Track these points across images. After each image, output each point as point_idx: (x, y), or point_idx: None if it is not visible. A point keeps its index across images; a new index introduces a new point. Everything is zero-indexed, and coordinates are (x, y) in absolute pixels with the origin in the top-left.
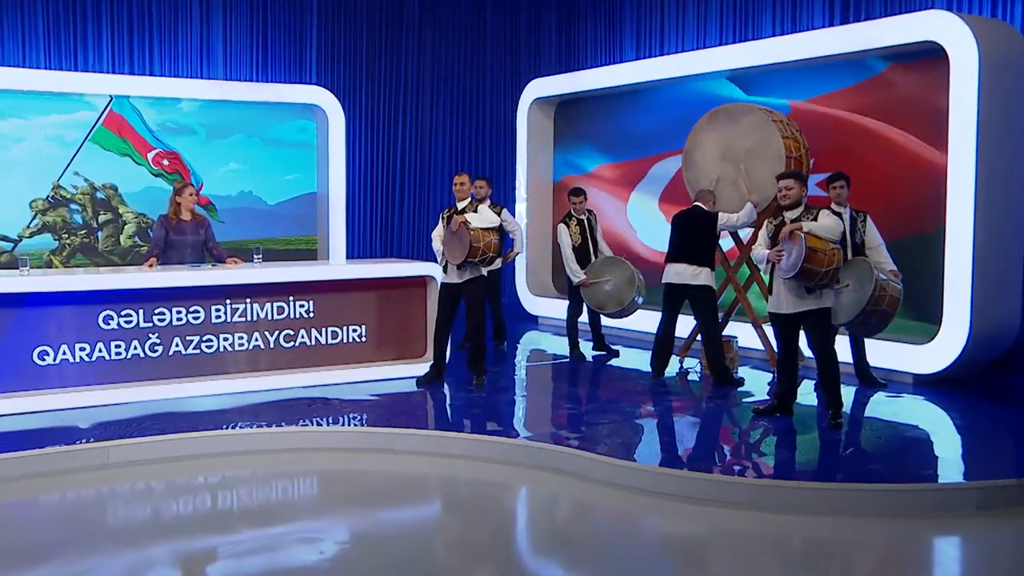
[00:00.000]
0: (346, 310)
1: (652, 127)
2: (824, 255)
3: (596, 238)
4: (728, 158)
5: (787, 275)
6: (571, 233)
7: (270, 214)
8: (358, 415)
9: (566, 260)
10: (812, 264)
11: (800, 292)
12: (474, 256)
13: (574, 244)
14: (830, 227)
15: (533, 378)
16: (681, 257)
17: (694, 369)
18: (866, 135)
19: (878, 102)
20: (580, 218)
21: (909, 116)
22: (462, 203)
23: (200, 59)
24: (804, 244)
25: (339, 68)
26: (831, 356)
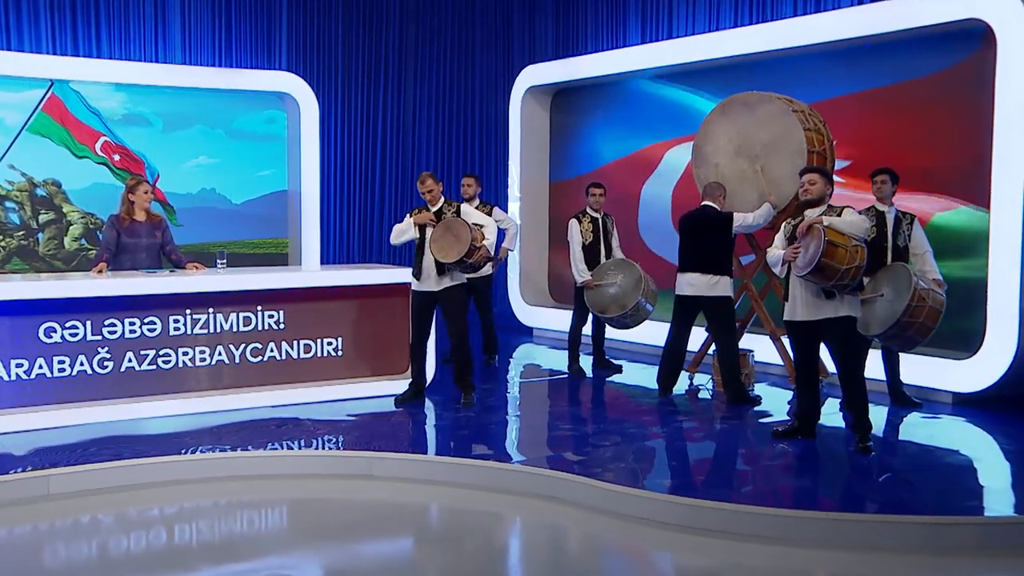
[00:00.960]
0: (320, 321)
1: (660, 119)
2: (845, 251)
3: (611, 242)
4: (743, 153)
5: (802, 272)
6: (582, 230)
7: (235, 214)
8: (333, 437)
9: (573, 258)
10: (830, 259)
11: (818, 297)
12: (470, 256)
13: (584, 242)
14: (854, 223)
15: (527, 396)
16: (694, 265)
17: (705, 386)
18: (901, 129)
19: (914, 99)
20: (595, 216)
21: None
22: (434, 207)
23: (155, 41)
24: (823, 236)
25: (312, 53)
26: (856, 372)
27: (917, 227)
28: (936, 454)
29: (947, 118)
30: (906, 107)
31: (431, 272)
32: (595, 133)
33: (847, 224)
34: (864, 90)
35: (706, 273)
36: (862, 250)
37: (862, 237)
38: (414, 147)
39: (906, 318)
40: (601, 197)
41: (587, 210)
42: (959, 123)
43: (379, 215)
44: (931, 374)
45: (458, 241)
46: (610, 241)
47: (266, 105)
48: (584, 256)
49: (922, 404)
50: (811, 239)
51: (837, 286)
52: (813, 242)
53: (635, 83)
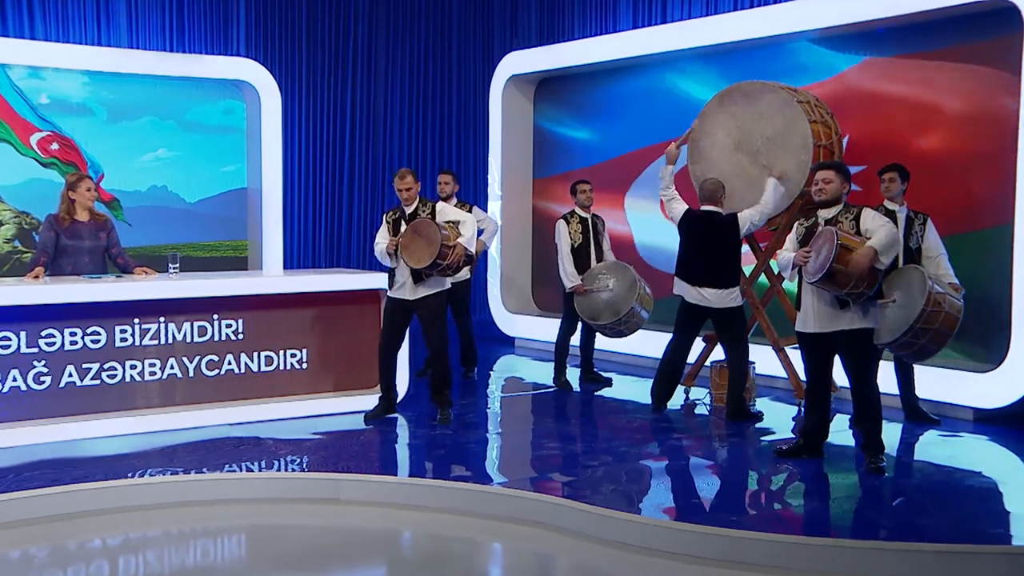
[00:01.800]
0: (283, 331)
1: (654, 111)
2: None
3: (601, 245)
4: (743, 148)
5: (813, 279)
6: (571, 231)
7: (189, 214)
8: (297, 458)
9: (561, 261)
10: (843, 265)
11: (834, 307)
12: (444, 258)
13: (573, 245)
14: (888, 240)
15: (509, 412)
16: (704, 280)
17: (702, 401)
18: (918, 117)
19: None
20: (584, 216)
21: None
22: (409, 207)
23: (97, 21)
24: (836, 239)
25: (273, 37)
26: (870, 385)
27: (930, 228)
28: (956, 476)
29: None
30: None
31: (406, 279)
32: (583, 126)
33: (883, 247)
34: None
35: (717, 287)
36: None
37: (892, 254)
38: (386, 141)
39: (920, 325)
40: (590, 194)
41: (575, 210)
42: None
43: (347, 215)
44: (950, 388)
45: (429, 243)
46: (601, 243)
47: (223, 94)
48: (573, 259)
49: (940, 421)
50: (823, 242)
51: (851, 295)
52: (825, 245)
53: (627, 72)
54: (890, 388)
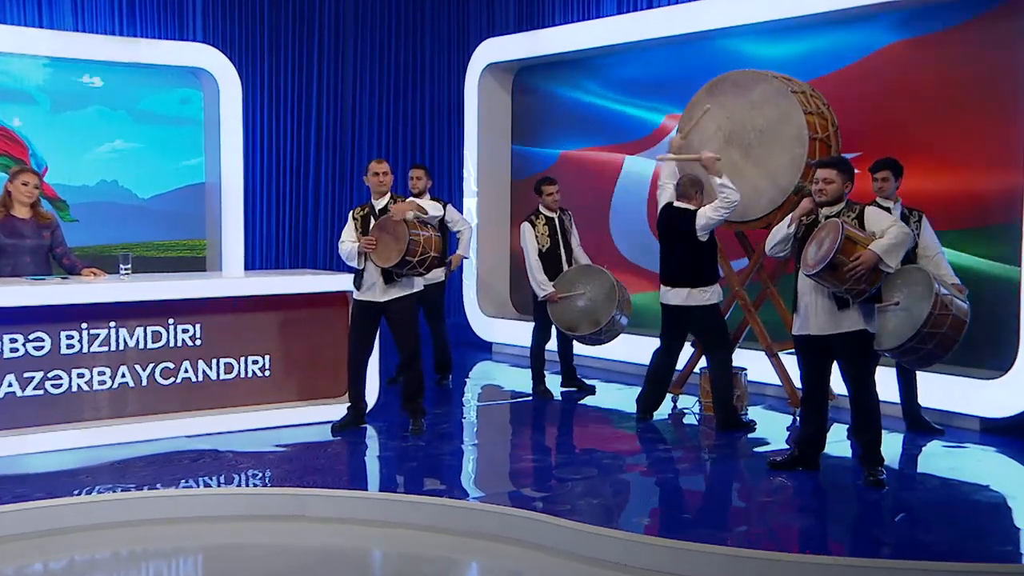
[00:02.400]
0: (243, 336)
1: (645, 99)
2: (864, 248)
3: (570, 243)
4: (734, 141)
5: (812, 270)
6: (538, 235)
7: (142, 211)
8: (259, 472)
9: (530, 269)
10: (846, 257)
11: (833, 307)
12: (412, 256)
13: (541, 249)
14: (894, 240)
15: (486, 421)
16: (677, 279)
17: (691, 410)
18: (920, 106)
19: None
20: (550, 216)
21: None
22: (381, 200)
23: (38, 1)
24: (841, 229)
25: (233, 21)
26: (870, 392)
27: (926, 225)
28: (961, 489)
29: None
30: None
31: (375, 280)
32: (565, 118)
33: (891, 247)
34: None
35: (690, 287)
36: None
37: (903, 253)
38: (354, 133)
39: (927, 329)
40: (557, 195)
41: (540, 210)
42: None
43: (313, 212)
44: (954, 396)
45: (396, 240)
46: (570, 242)
47: (178, 83)
48: (543, 264)
49: (944, 431)
50: (827, 232)
51: (852, 291)
52: (829, 235)
53: (612, 58)
54: (891, 396)
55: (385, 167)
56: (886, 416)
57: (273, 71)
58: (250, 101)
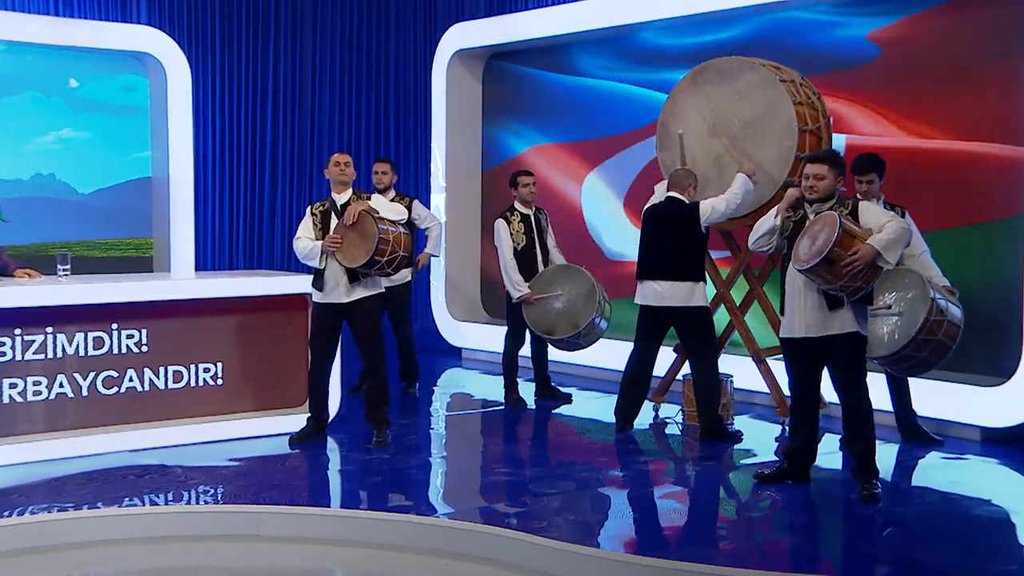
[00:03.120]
0: (194, 342)
1: (621, 91)
2: (862, 242)
3: (546, 241)
4: (719, 132)
5: (806, 265)
6: (513, 232)
7: (82, 207)
8: (211, 489)
9: (504, 268)
10: (843, 250)
11: (824, 307)
12: (381, 255)
13: (516, 247)
14: (893, 236)
15: (455, 433)
16: (660, 271)
17: (674, 419)
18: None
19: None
20: (525, 213)
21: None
22: (342, 195)
23: None
24: (839, 222)
25: (181, 3)
26: (862, 398)
27: (910, 222)
28: (961, 504)
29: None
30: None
31: (339, 280)
32: (540, 108)
33: (890, 242)
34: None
35: (675, 280)
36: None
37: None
38: (313, 125)
39: (923, 336)
40: (533, 188)
41: (516, 206)
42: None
43: (270, 209)
44: (953, 404)
45: (364, 238)
46: (546, 241)
47: (121, 68)
48: (518, 264)
49: (943, 441)
50: (822, 226)
51: (847, 288)
52: (825, 229)
53: (590, 45)
54: (881, 404)
55: (346, 157)
56: (881, 426)
57: (225, 56)
58: (200, 89)
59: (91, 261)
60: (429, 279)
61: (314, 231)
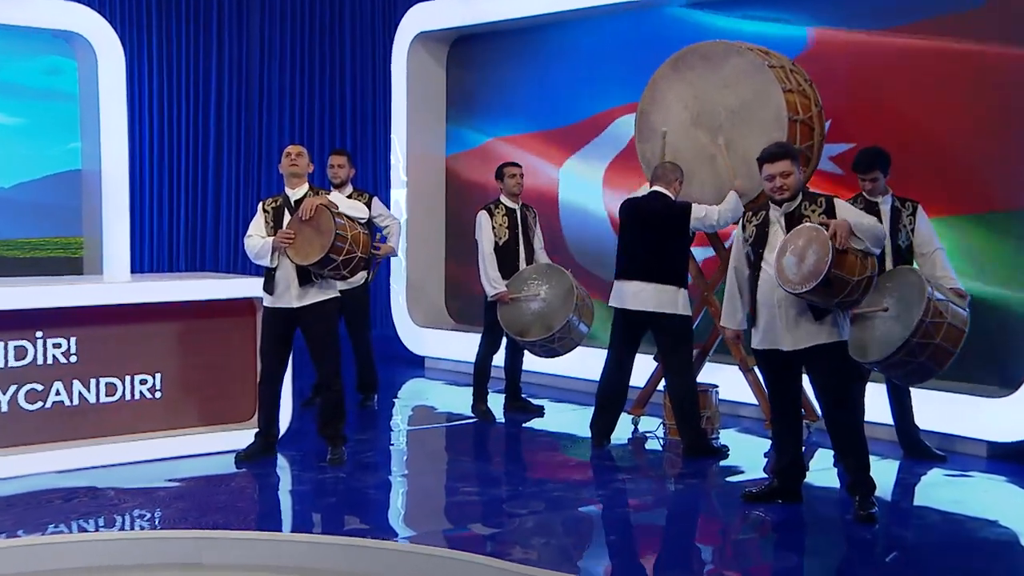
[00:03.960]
0: (130, 352)
1: (597, 77)
2: (855, 258)
3: (532, 242)
4: (702, 123)
5: (801, 289)
6: (495, 226)
7: (2, 203)
8: (147, 513)
9: (482, 263)
10: (841, 270)
11: (803, 317)
12: (337, 254)
13: (497, 241)
14: (873, 228)
15: (418, 449)
16: (640, 272)
17: (655, 433)
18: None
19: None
20: (511, 207)
21: None
22: (297, 190)
23: None
24: (830, 246)
25: None
26: (849, 410)
27: (922, 217)
28: (965, 525)
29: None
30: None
31: (290, 282)
32: (508, 96)
33: (867, 230)
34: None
35: (655, 282)
36: (871, 256)
37: (878, 247)
38: (262, 114)
39: (917, 339)
40: (520, 180)
41: (501, 199)
42: None
43: (214, 205)
44: (958, 417)
45: (319, 234)
46: (531, 240)
47: (45, 49)
48: (498, 260)
49: (946, 457)
50: (806, 243)
51: (843, 303)
52: (812, 247)
53: (558, 28)
54: (882, 416)
55: (298, 148)
56: (880, 440)
57: (164, 38)
58: (137, 73)
59: (13, 262)
60: (389, 281)
61: (266, 229)
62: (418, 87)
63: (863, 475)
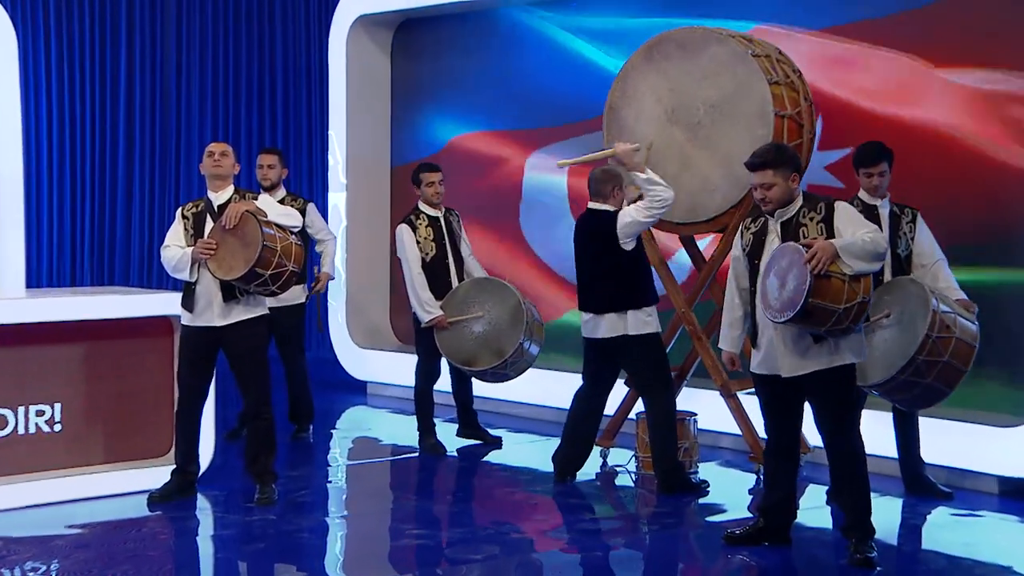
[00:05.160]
0: (24, 378)
1: (570, 64)
2: (842, 283)
3: (460, 250)
4: (679, 119)
5: (781, 318)
6: (419, 240)
7: None
8: (42, 565)
9: (410, 285)
10: (822, 298)
11: (803, 340)
12: (264, 267)
13: (424, 257)
14: (866, 246)
15: (358, 486)
16: (587, 302)
17: (625, 467)
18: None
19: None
20: (434, 215)
21: None
22: (221, 194)
23: None
24: (807, 271)
25: None
26: (852, 440)
27: (922, 226)
28: (975, 572)
29: None
30: None
31: (212, 297)
32: (462, 88)
33: (860, 249)
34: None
35: (604, 312)
36: (866, 279)
37: (877, 265)
38: (180, 108)
39: (923, 357)
40: (440, 186)
41: (421, 208)
42: None
43: (124, 212)
44: (967, 448)
45: (244, 244)
46: (459, 248)
47: None
48: (429, 278)
49: (953, 494)
50: (788, 265)
51: (833, 331)
52: (792, 271)
53: (524, 10)
54: (885, 448)
55: (222, 146)
56: (880, 475)
57: (64, 21)
58: (32, 62)
59: None
60: (326, 298)
61: (185, 238)
62: (359, 77)
63: (862, 516)
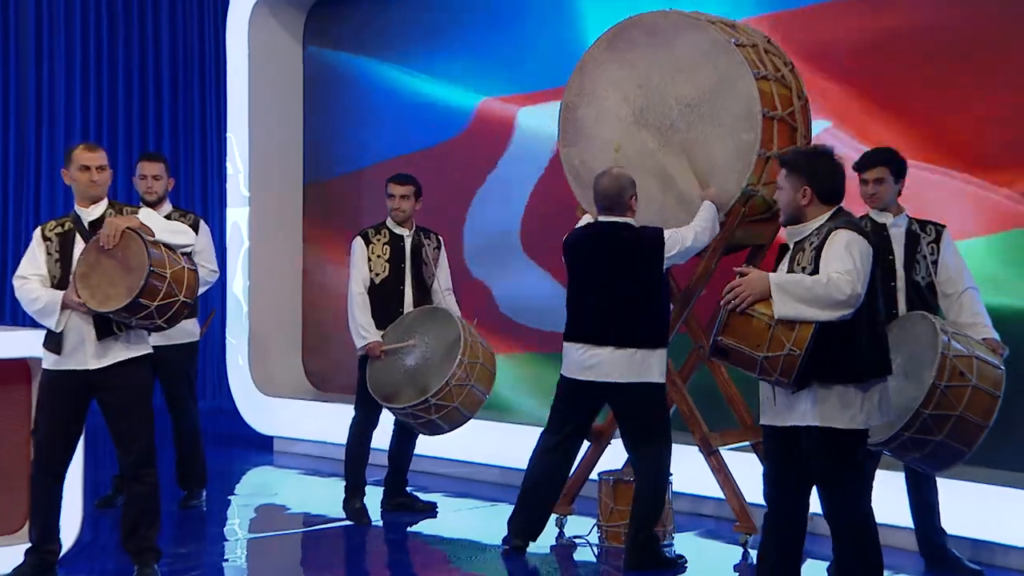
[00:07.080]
0: None
1: (515, 56)
2: (765, 326)
3: (425, 280)
4: (648, 121)
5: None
6: (372, 257)
7: None
8: None
9: (350, 306)
10: (736, 340)
11: (786, 389)
12: (150, 298)
13: (374, 278)
14: (813, 290)
15: (262, 565)
16: (598, 332)
17: (586, 538)
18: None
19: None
20: (398, 233)
21: None
22: (93, 210)
23: None
24: (729, 302)
25: None
26: (856, 514)
27: (948, 246)
28: None
29: None
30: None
31: (84, 335)
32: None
33: (801, 291)
34: None
35: (622, 346)
36: (803, 328)
37: (848, 307)
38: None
39: (931, 411)
40: (406, 203)
41: (387, 223)
42: None
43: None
44: (994, 517)
45: (126, 270)
46: (424, 278)
47: None
48: (376, 302)
49: (983, 572)
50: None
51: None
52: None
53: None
54: (900, 517)
55: (100, 157)
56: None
57: None
58: None
59: None
60: (224, 336)
61: (48, 264)
62: (265, 70)
63: None
